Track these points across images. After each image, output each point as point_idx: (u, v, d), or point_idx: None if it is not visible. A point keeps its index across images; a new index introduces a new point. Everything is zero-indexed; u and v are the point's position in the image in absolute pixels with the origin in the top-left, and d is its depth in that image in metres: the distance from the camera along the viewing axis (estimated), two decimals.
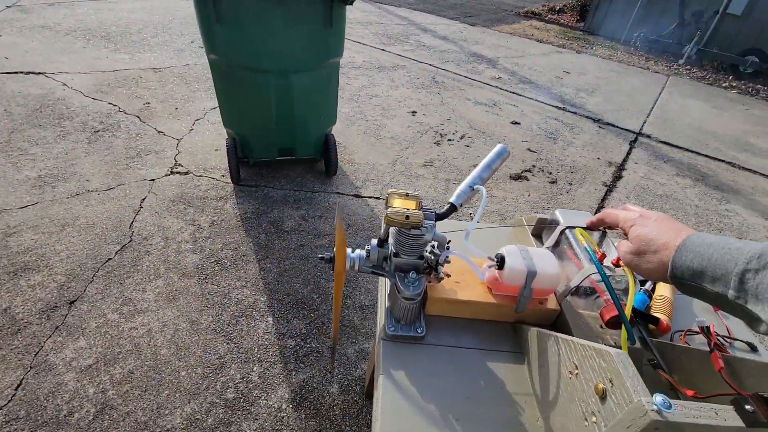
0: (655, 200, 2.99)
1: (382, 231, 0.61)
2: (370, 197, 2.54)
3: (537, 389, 0.56)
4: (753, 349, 0.68)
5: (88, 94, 3.18)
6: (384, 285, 0.73)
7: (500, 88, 4.61)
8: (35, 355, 1.47)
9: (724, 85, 6.23)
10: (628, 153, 3.59)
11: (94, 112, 2.96)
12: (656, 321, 0.64)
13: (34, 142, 2.57)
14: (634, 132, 4.01)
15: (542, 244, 0.81)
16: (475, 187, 0.65)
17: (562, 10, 10.56)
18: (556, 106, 4.35)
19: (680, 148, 3.85)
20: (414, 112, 3.73)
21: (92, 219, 2.08)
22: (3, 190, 2.17)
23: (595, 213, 2.76)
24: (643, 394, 0.37)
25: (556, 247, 0.73)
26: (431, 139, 3.32)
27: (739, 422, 0.36)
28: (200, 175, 2.51)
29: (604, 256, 0.61)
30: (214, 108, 3.26)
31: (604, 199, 2.89)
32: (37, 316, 1.60)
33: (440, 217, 0.64)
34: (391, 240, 0.62)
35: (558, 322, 0.65)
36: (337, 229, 0.62)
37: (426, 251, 0.63)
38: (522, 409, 0.55)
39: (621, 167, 3.34)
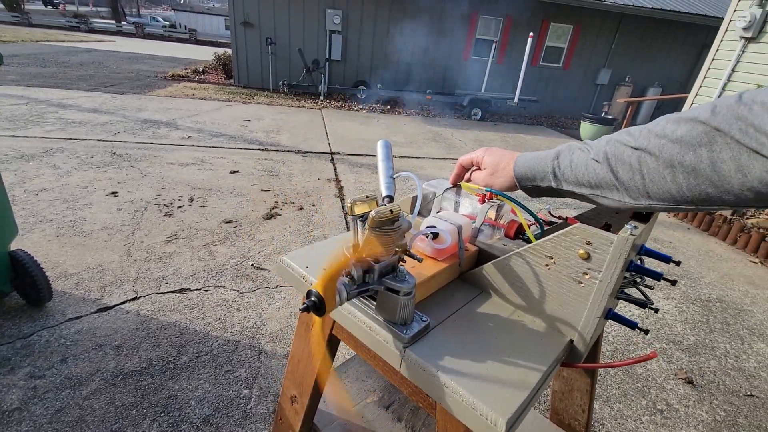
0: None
1: (360, 244, 0.56)
2: (124, 302, 1.95)
3: (519, 301, 0.69)
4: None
5: None
6: (349, 313, 0.65)
7: (197, 146, 4.46)
8: None
9: (355, 108, 8.41)
10: (335, 168, 4.31)
11: None
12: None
13: None
14: (328, 153, 4.84)
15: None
16: (402, 174, 0.69)
17: (206, 71, 11.13)
18: (259, 149, 4.65)
19: (360, 155, 4.96)
20: (114, 192, 3.07)
21: None
22: None
23: (345, 223, 3.16)
24: (615, 233, 0.56)
25: (439, 212, 0.88)
26: (157, 212, 2.86)
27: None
28: None
29: (485, 195, 0.80)
30: None
31: (343, 207, 3.38)
32: None
33: None
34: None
35: (480, 258, 0.80)
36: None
37: None
38: (522, 322, 0.67)
39: (337, 180, 3.99)
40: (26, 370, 1.53)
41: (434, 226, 0.72)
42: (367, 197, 0.59)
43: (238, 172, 3.82)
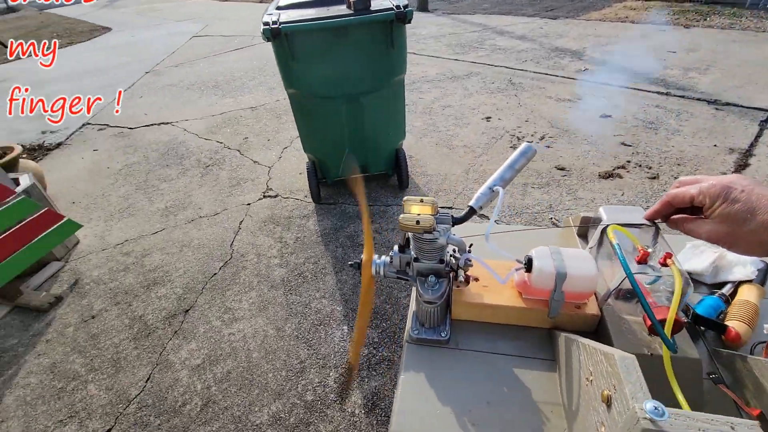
0: None
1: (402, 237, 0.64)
2: (441, 208, 2.54)
3: (564, 398, 0.53)
4: None
5: (201, 135, 3.76)
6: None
7: (586, 81, 4.25)
8: (160, 354, 1.78)
9: None
10: (758, 136, 3.00)
11: (206, 150, 3.49)
12: (723, 328, 0.54)
13: (163, 179, 3.12)
14: (765, 109, 3.34)
15: (587, 244, 0.74)
16: (495, 188, 0.64)
17: None
18: (658, 92, 3.85)
19: None
20: (488, 117, 3.64)
21: (203, 240, 2.44)
22: (142, 220, 2.68)
23: None
24: (640, 400, 0.33)
25: (600, 247, 0.67)
26: (507, 143, 3.20)
27: None
28: (287, 197, 2.78)
29: (646, 254, 0.55)
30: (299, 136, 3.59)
31: None
32: (162, 322, 1.93)
33: (458, 221, 0.64)
34: (411, 245, 0.64)
35: (599, 328, 0.60)
36: (365, 235, 0.66)
37: (447, 255, 0.64)
38: (547, 418, 0.52)
39: (747, 153, 2.81)
40: (375, 226, 2.44)
41: (530, 258, 0.61)
42: (422, 200, 0.62)
43: (610, 116, 3.45)
